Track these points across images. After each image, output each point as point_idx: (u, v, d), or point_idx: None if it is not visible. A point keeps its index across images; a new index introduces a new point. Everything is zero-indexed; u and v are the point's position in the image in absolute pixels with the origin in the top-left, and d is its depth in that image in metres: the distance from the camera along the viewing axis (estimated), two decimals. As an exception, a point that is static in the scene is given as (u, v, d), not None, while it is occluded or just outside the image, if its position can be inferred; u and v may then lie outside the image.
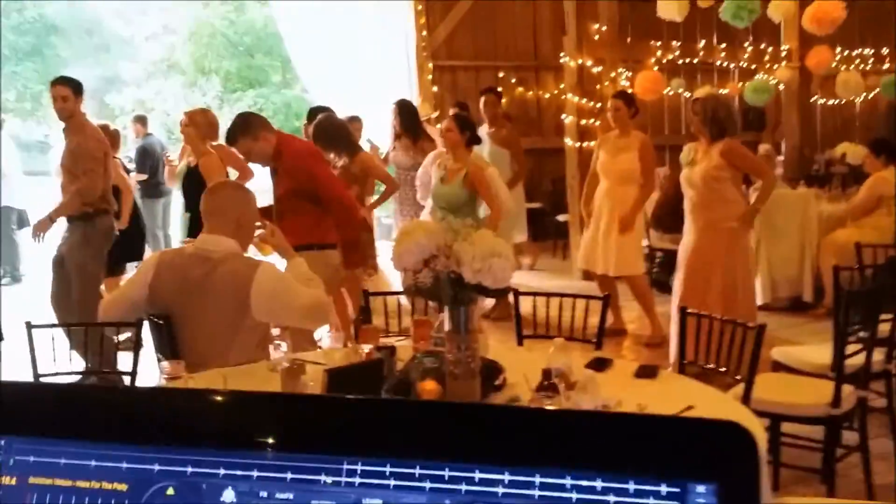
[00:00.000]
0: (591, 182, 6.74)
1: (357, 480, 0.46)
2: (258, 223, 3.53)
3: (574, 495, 0.44)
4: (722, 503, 0.43)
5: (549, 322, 4.03)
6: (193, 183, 5.82)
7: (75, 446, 0.49)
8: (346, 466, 0.47)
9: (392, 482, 0.46)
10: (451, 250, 2.73)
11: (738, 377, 3.39)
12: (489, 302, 6.81)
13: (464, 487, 0.45)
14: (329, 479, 0.47)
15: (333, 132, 5.92)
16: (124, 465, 0.48)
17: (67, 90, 5.65)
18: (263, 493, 0.47)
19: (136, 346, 3.42)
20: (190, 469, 0.48)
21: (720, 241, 5.18)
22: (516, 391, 2.92)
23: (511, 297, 4.31)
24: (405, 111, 7.52)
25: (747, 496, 0.42)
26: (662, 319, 6.66)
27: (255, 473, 0.47)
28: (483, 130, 7.75)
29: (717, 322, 3.37)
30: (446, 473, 0.45)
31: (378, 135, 8.73)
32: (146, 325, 3.46)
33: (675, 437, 0.44)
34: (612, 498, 0.44)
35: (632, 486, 0.44)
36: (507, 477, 0.45)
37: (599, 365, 3.16)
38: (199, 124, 5.95)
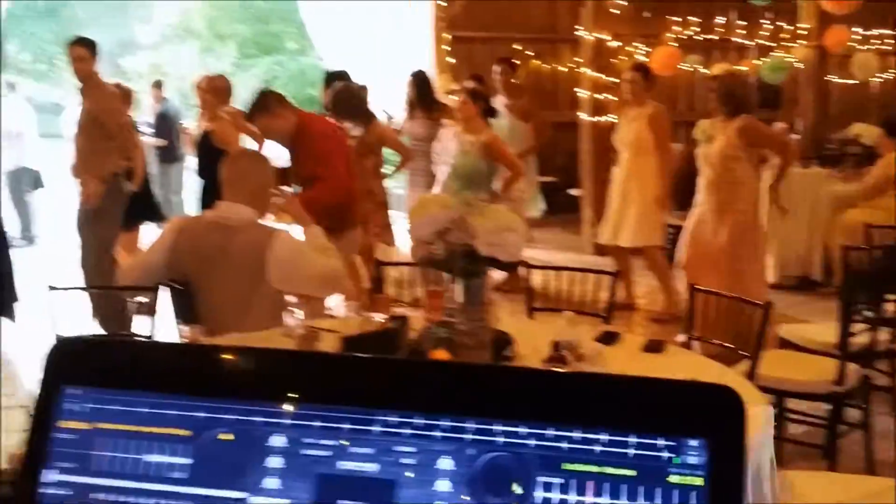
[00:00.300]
0: (614, 157, 6.81)
1: (390, 430, 0.53)
2: (275, 192, 3.60)
3: (581, 446, 0.50)
4: (711, 456, 0.49)
5: (559, 295, 4.09)
6: (206, 149, 5.88)
7: (142, 396, 0.55)
8: (379, 417, 0.53)
9: (421, 432, 0.52)
10: (465, 223, 2.79)
11: (745, 353, 3.46)
12: (501, 274, 6.87)
13: (484, 438, 0.52)
14: (364, 429, 0.53)
15: (351, 101, 5.97)
16: (186, 413, 0.55)
17: (84, 50, 5.71)
18: (308, 440, 0.54)
19: (150, 310, 3.50)
20: (246, 417, 0.54)
21: (730, 224, 5.21)
22: (526, 362, 2.99)
23: (522, 270, 4.38)
24: (420, 82, 7.55)
25: (733, 450, 0.48)
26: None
27: (300, 423, 0.54)
28: (499, 102, 7.76)
29: (724, 299, 3.43)
30: (470, 425, 0.52)
31: (393, 105, 8.76)
32: (165, 291, 3.53)
33: (671, 398, 0.50)
34: (615, 449, 0.50)
35: (633, 439, 0.50)
36: (522, 429, 0.51)
37: (608, 339, 3.22)
38: (216, 90, 6.01)
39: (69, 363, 0.56)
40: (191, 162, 8.92)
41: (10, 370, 5.52)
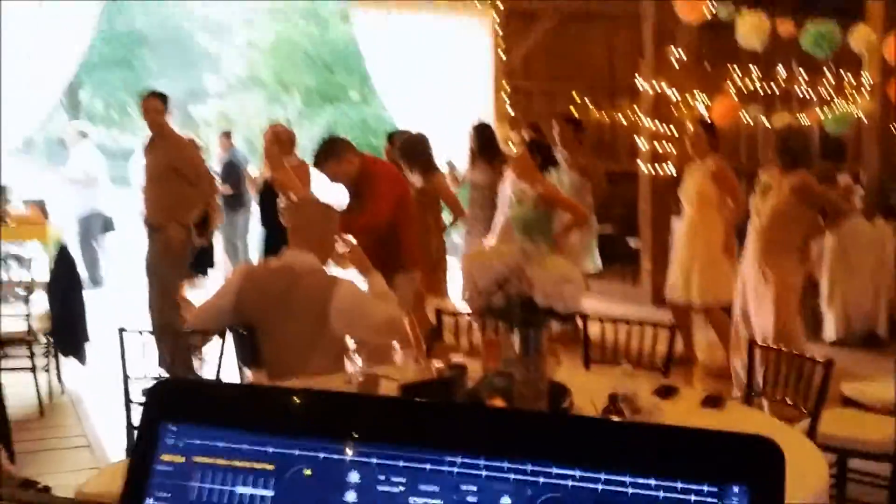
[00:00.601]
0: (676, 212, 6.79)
1: (456, 470, 0.58)
2: (339, 239, 3.70)
3: (630, 490, 0.55)
4: (752, 500, 0.53)
5: (616, 347, 4.10)
6: (268, 197, 6.04)
7: (232, 433, 0.61)
8: (447, 458, 0.58)
9: (484, 473, 0.57)
10: (524, 274, 2.83)
11: (805, 410, 3.42)
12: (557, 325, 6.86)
13: (541, 480, 0.56)
14: (433, 468, 0.58)
15: (417, 149, 6.10)
16: (270, 449, 0.60)
17: (159, 103, 5.97)
18: (381, 476, 0.59)
19: (220, 355, 3.60)
20: (323, 455, 0.59)
21: (773, 279, 5.17)
22: (582, 414, 3.00)
23: (579, 321, 4.40)
24: (482, 133, 7.67)
25: (773, 497, 0.52)
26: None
27: (374, 461, 0.59)
28: (560, 156, 7.84)
29: (785, 355, 3.40)
30: (528, 468, 0.56)
31: (453, 153, 8.89)
32: (229, 335, 3.63)
33: (715, 447, 0.54)
34: (662, 494, 0.54)
35: (679, 485, 0.54)
36: (577, 473, 0.56)
37: (666, 393, 3.22)
38: (282, 140, 6.17)
39: (168, 402, 0.62)
40: (255, 209, 9.16)
41: (82, 410, 5.70)
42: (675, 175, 8.57)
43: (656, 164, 9.29)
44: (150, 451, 0.61)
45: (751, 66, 10.35)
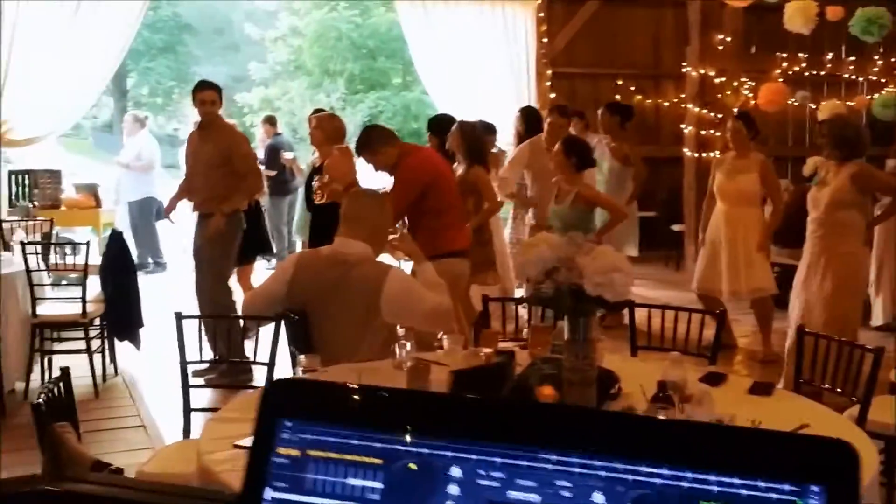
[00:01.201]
0: (709, 204, 6.63)
1: (551, 467, 0.63)
2: (391, 229, 3.76)
3: (716, 488, 0.59)
4: (830, 500, 0.57)
5: (663, 334, 4.12)
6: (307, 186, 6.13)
7: (343, 429, 0.67)
8: (541, 455, 0.63)
9: (577, 470, 0.62)
10: (573, 263, 2.87)
11: (854, 398, 3.42)
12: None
13: (632, 478, 0.61)
14: (529, 464, 0.63)
15: (470, 138, 6.13)
16: (378, 444, 0.66)
17: (214, 94, 6.04)
18: (481, 472, 0.64)
19: (275, 338, 3.68)
20: (427, 450, 0.65)
21: (834, 268, 5.14)
22: (631, 401, 3.03)
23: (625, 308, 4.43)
24: (529, 117, 7.67)
25: (849, 496, 0.57)
26: (777, 336, 6.61)
27: (474, 457, 0.64)
28: (604, 141, 7.83)
29: (834, 343, 3.40)
30: (620, 466, 0.61)
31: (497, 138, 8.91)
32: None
33: (797, 449, 0.58)
34: (745, 492, 0.59)
35: (762, 484, 0.59)
36: (665, 471, 0.61)
37: (714, 379, 3.24)
38: (326, 129, 6.23)
39: (284, 399, 0.68)
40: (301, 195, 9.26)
41: (136, 392, 5.85)
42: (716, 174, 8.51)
43: (701, 150, 9.22)
44: (267, 445, 0.67)
45: (797, 52, 10.22)
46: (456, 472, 0.64)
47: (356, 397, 0.68)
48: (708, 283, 6.53)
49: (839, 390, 3.40)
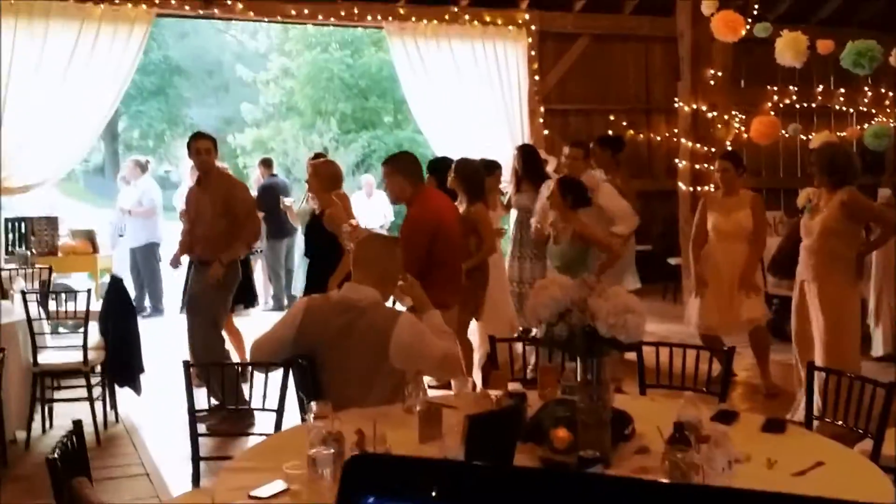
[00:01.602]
0: (697, 243, 6.59)
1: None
2: (400, 276, 3.76)
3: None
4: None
5: (669, 371, 4.11)
6: (315, 230, 6.09)
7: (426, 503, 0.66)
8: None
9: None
10: (586, 305, 2.88)
11: (861, 431, 3.42)
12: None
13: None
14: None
15: (469, 176, 6.18)
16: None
17: (209, 143, 6.09)
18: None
19: (283, 386, 3.66)
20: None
21: (829, 295, 5.16)
22: (644, 441, 3.02)
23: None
24: (528, 156, 7.70)
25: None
26: (777, 368, 6.61)
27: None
28: (600, 175, 7.85)
29: (845, 377, 3.40)
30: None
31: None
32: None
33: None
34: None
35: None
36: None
37: (726, 418, 3.23)
38: (321, 176, 6.18)
39: (366, 474, 0.68)
40: (299, 238, 9.25)
41: (138, 439, 5.79)
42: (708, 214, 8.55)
43: (695, 184, 9.28)
44: (349, 523, 0.67)
45: (787, 84, 10.35)
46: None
47: (442, 472, 0.67)
48: (712, 322, 6.50)
49: (860, 431, 3.38)
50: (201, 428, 4.89)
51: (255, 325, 6.03)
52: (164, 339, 7.94)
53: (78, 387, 5.77)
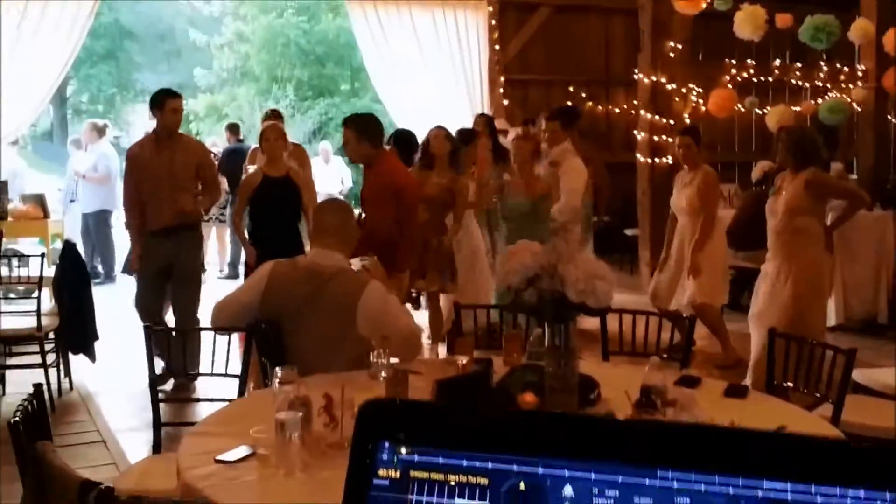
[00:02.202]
0: (672, 223, 6.70)
1: (668, 484, 0.61)
2: (365, 258, 3.76)
3: (849, 501, 0.59)
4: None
5: (632, 339, 4.15)
6: (264, 192, 5.87)
7: (445, 449, 0.64)
8: (660, 473, 0.62)
9: (696, 486, 0.61)
10: (556, 271, 2.88)
11: (819, 395, 3.48)
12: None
13: (755, 494, 0.60)
14: (647, 482, 0.62)
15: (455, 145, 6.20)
16: (488, 465, 0.64)
17: (181, 103, 5.87)
18: (595, 490, 0.62)
19: (246, 351, 3.61)
20: (540, 470, 0.63)
21: (796, 273, 5.23)
22: (610, 406, 3.05)
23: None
24: (484, 126, 7.66)
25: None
26: (737, 339, 6.70)
27: (591, 475, 0.62)
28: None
29: (807, 344, 3.46)
30: (740, 482, 0.60)
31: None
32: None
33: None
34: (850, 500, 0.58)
35: (889, 496, 0.58)
36: (789, 486, 0.60)
37: (688, 383, 3.27)
38: (285, 135, 6.12)
39: (381, 420, 0.65)
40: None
41: (93, 406, 5.70)
42: (672, 165, 8.63)
43: (654, 156, 9.34)
44: (365, 467, 0.65)
45: (744, 58, 10.43)
46: (568, 491, 0.63)
47: (460, 417, 0.65)
48: (677, 299, 6.57)
49: (818, 396, 3.44)
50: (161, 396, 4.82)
51: (210, 293, 5.95)
52: (118, 305, 7.79)
53: (31, 353, 5.65)
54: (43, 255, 5.77)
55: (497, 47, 10.70)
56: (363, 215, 5.35)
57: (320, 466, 2.47)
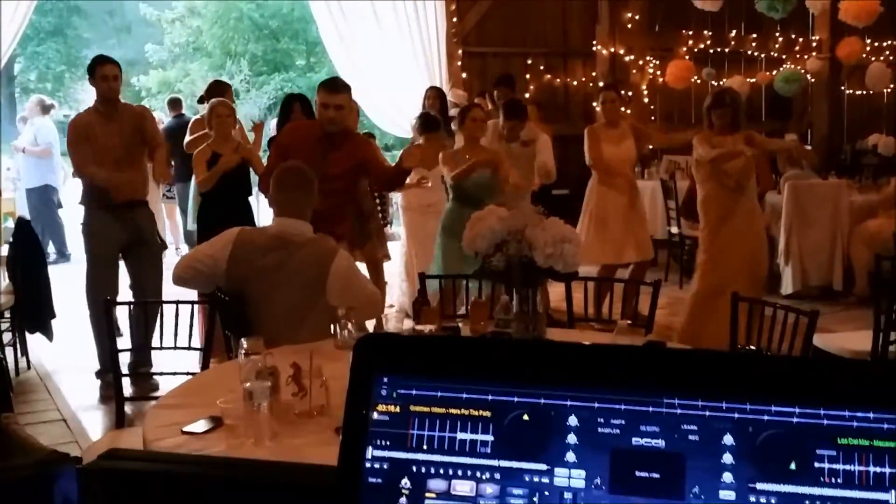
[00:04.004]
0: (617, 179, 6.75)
1: (675, 411, 0.61)
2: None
3: (854, 423, 0.58)
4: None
5: (597, 307, 4.17)
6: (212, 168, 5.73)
7: (445, 382, 0.63)
8: (664, 400, 0.61)
9: (703, 413, 0.60)
10: (523, 235, 2.87)
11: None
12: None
13: (761, 418, 0.59)
14: (652, 410, 0.61)
15: None
16: (489, 397, 0.62)
17: (116, 69, 5.48)
18: (601, 419, 0.61)
19: (210, 321, 3.56)
20: (542, 400, 0.62)
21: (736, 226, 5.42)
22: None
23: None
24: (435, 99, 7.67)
25: None
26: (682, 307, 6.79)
27: (595, 405, 0.61)
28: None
29: (770, 306, 3.49)
30: (747, 406, 0.60)
31: (406, 118, 8.86)
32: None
33: None
34: (886, 426, 0.58)
35: (871, 415, 0.58)
36: (797, 409, 0.59)
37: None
38: (234, 112, 5.99)
39: (378, 355, 0.64)
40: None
41: (51, 384, 5.60)
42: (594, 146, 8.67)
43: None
44: (364, 403, 0.63)
45: (700, 29, 10.48)
46: (573, 420, 0.61)
47: (458, 349, 0.64)
48: (610, 255, 6.69)
49: (773, 353, 3.49)
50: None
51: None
52: (73, 284, 7.64)
53: (-12, 332, 5.54)
54: (-4, 232, 5.62)
55: (455, 20, 10.62)
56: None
57: (290, 434, 2.45)
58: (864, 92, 10.31)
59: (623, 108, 6.66)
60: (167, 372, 3.57)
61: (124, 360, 4.87)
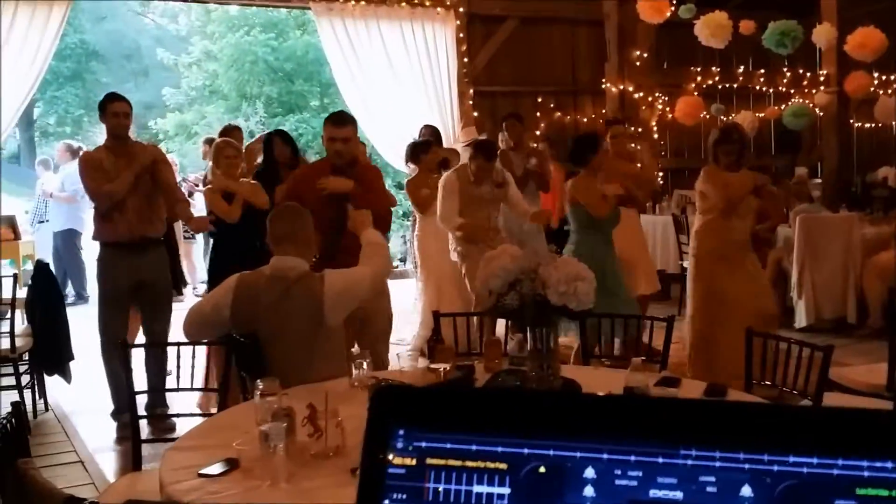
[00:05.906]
0: None
1: (691, 463, 0.62)
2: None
3: (867, 473, 0.59)
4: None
5: (612, 343, 4.17)
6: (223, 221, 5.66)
7: (459, 435, 0.64)
8: (681, 451, 0.62)
9: (720, 464, 0.61)
10: (537, 274, 2.88)
11: (796, 392, 3.51)
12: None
13: (778, 469, 0.61)
14: (666, 461, 0.62)
15: None
16: (500, 449, 0.63)
17: (127, 106, 5.46)
18: (618, 471, 0.62)
19: (227, 363, 3.58)
20: (552, 452, 0.63)
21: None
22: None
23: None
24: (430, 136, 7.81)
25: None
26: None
27: (606, 456, 0.62)
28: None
29: (784, 341, 3.48)
30: (765, 457, 0.61)
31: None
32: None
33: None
34: (874, 474, 0.59)
35: (890, 465, 0.59)
36: (814, 460, 0.60)
37: (669, 384, 3.28)
38: (241, 155, 5.91)
39: (393, 408, 0.65)
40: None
41: (69, 426, 5.62)
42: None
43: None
44: (380, 456, 0.64)
45: (708, 66, 10.56)
46: (590, 472, 0.62)
47: (472, 401, 0.65)
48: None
49: (795, 392, 3.47)
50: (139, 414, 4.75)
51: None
52: (91, 326, 7.68)
53: (6, 375, 5.57)
54: (15, 276, 5.66)
55: (465, 59, 10.73)
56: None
57: (305, 476, 2.45)
58: (873, 125, 10.33)
59: (633, 144, 6.67)
60: (184, 413, 3.58)
61: (141, 401, 4.88)
